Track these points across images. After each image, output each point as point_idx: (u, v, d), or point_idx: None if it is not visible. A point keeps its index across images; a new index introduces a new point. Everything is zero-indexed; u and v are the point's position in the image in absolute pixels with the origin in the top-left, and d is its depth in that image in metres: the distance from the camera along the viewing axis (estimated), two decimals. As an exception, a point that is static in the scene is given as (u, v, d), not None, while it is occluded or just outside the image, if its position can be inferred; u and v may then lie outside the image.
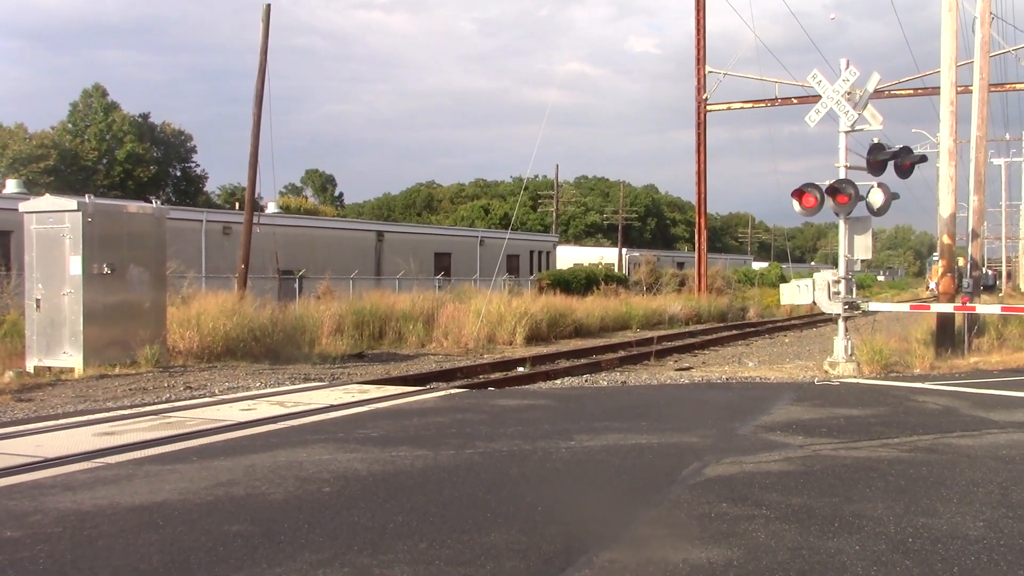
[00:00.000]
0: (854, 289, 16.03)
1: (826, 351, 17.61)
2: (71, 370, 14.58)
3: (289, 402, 11.13)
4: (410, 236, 53.67)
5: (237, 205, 52.36)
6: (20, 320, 16.05)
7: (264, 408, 10.60)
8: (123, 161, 76.96)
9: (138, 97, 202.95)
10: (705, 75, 42.22)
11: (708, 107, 42.57)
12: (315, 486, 6.51)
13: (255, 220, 25.34)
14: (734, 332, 30.86)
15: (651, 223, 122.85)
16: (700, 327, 33.79)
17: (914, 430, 9.13)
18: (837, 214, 15.32)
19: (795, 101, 40.27)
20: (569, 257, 68.89)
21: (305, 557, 4.86)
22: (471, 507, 5.95)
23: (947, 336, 18.08)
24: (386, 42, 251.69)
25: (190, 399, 11.91)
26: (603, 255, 74.69)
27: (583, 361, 19.79)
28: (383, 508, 5.90)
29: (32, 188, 43.95)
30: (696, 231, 44.84)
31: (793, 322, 37.04)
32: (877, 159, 15.43)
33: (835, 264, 15.99)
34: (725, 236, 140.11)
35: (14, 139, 70.18)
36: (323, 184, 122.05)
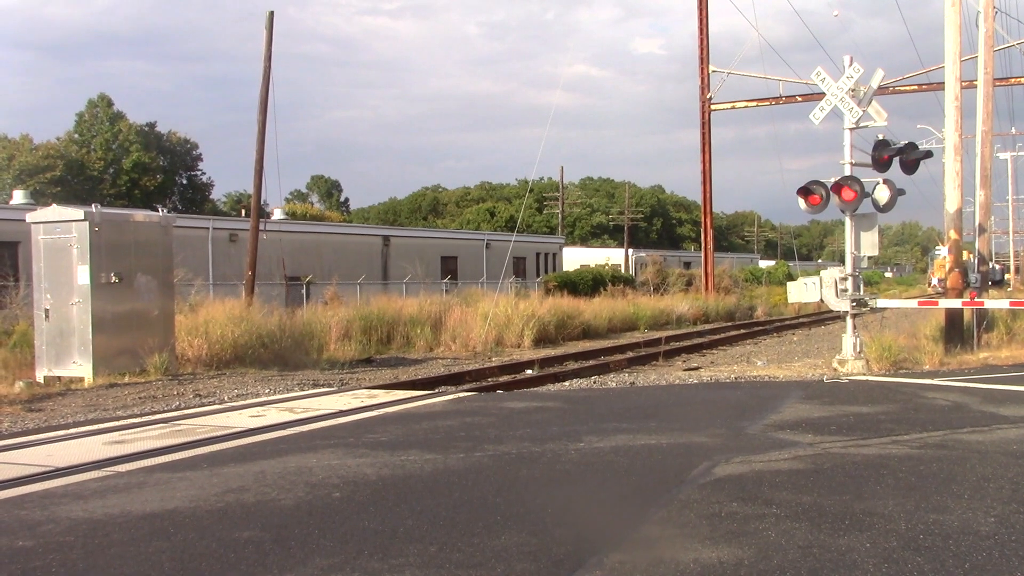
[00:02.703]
0: (861, 286, 15.99)
1: (835, 349, 17.58)
2: (81, 379, 14.62)
3: (298, 408, 11.15)
4: (416, 240, 53.71)
5: (243, 212, 52.49)
6: (29, 330, 16.11)
7: (273, 414, 10.62)
8: (129, 170, 77.22)
9: (145, 107, 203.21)
10: (709, 75, 42.20)
11: (712, 106, 42.54)
12: (325, 491, 6.52)
13: (261, 227, 25.40)
14: (742, 331, 30.82)
15: (657, 223, 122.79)
16: (708, 327, 33.75)
17: (924, 427, 9.11)
18: (843, 211, 15.30)
19: (799, 99, 40.19)
20: (575, 258, 68.89)
21: (316, 562, 4.87)
22: (481, 510, 5.96)
23: (956, 332, 18.02)
24: (392, 47, 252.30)
25: (199, 406, 11.93)
26: (609, 256, 74.68)
27: (591, 362, 19.78)
28: (393, 512, 5.91)
29: (39, 199, 44.03)
30: (702, 230, 44.81)
31: (801, 320, 36.99)
32: (882, 156, 15.40)
33: (842, 261, 15.97)
34: (731, 235, 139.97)
35: (20, 150, 70.49)
36: (329, 190, 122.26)
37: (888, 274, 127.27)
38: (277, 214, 49.03)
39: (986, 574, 4.62)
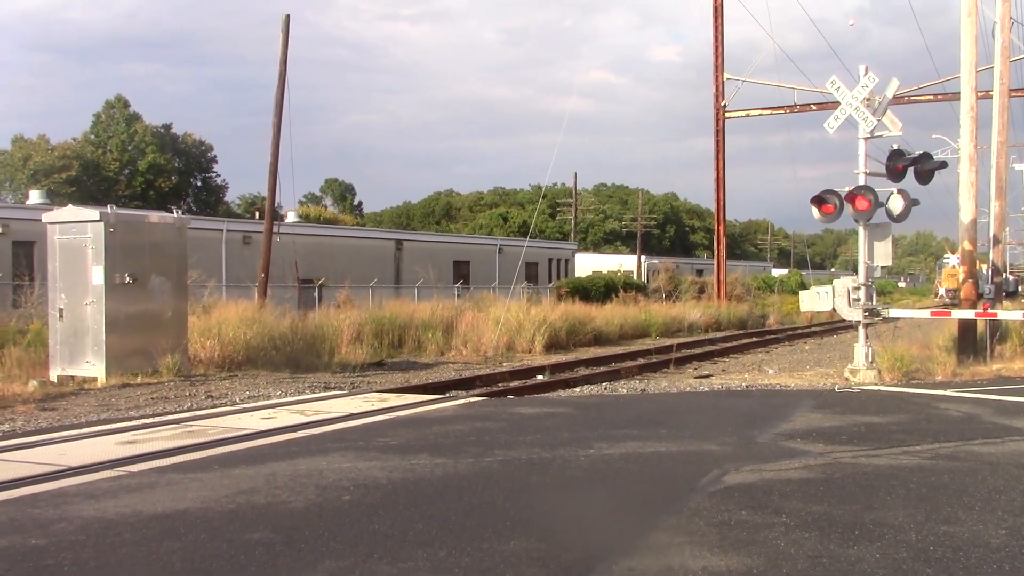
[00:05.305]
0: (874, 295, 15.93)
1: (847, 358, 17.51)
2: (94, 379, 14.70)
3: (309, 411, 11.18)
4: (429, 244, 53.81)
5: (257, 215, 52.61)
6: (43, 330, 16.21)
7: (285, 417, 10.66)
8: (145, 172, 77.66)
9: (162, 109, 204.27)
10: (723, 82, 42.16)
11: (727, 114, 42.51)
12: (335, 494, 6.54)
13: (275, 229, 25.49)
14: (754, 339, 30.74)
15: (670, 230, 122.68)
16: (720, 334, 33.69)
17: (935, 437, 9.08)
18: (857, 221, 15.25)
19: (814, 108, 40.05)
20: (588, 265, 68.87)
21: (326, 565, 4.89)
22: (490, 515, 5.97)
23: (969, 343, 17.94)
24: (410, 52, 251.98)
25: (211, 408, 11.98)
26: (622, 262, 74.56)
27: (602, 369, 19.76)
28: (403, 516, 5.92)
29: (54, 199, 44.29)
30: (715, 238, 44.73)
31: (813, 329, 36.87)
32: (897, 165, 15.36)
33: (855, 271, 15.92)
34: (744, 243, 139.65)
35: (37, 150, 70.96)
36: (342, 193, 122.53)
37: (901, 284, 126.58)
38: (291, 217, 49.21)
39: (996, 587, 4.61)
